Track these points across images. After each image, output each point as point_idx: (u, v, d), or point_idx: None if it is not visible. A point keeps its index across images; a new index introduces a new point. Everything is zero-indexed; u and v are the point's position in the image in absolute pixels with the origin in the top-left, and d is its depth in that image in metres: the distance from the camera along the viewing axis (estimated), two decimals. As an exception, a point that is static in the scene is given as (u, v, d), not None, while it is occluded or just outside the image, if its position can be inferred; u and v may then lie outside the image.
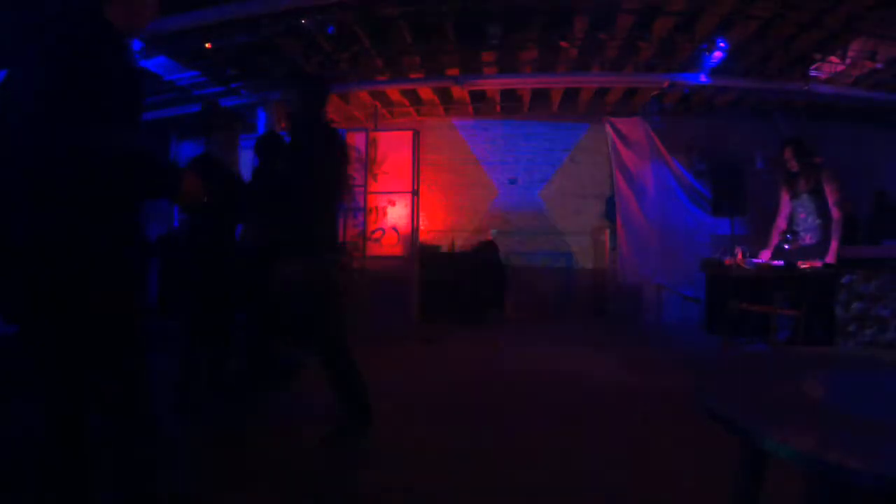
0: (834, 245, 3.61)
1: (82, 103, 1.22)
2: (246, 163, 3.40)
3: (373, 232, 5.74)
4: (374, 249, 5.71)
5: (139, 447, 1.34)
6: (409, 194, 5.73)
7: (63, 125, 1.20)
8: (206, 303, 2.83)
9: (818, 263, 3.55)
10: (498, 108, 7.04)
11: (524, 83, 6.01)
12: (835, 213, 3.65)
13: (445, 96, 6.68)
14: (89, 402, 1.32)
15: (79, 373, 1.30)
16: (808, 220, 3.82)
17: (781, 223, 4.03)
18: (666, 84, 5.59)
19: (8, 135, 1.24)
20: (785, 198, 4.01)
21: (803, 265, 3.57)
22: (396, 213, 5.74)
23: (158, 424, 1.45)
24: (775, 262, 3.82)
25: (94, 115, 1.23)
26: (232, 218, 2.99)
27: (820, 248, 3.69)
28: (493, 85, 6.06)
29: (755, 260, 3.93)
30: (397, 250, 5.69)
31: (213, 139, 2.94)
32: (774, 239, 3.98)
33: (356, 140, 5.80)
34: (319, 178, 2.28)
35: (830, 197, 3.67)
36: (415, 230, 5.73)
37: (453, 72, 5.71)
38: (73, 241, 1.23)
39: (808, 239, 3.86)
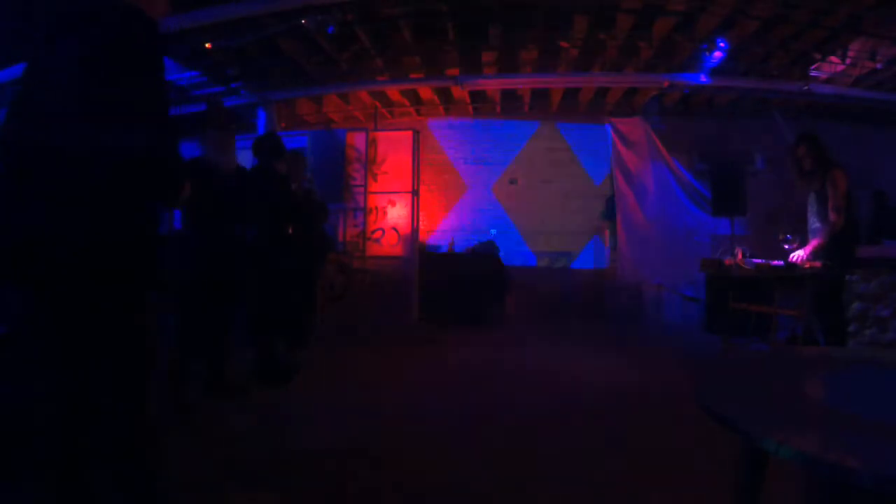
0: (813, 244, 3.45)
1: (119, 101, 1.19)
2: (244, 163, 3.40)
3: (373, 232, 5.74)
4: (374, 249, 5.71)
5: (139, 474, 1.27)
6: (409, 194, 5.73)
7: (98, 123, 1.18)
8: (202, 300, 2.82)
9: (818, 264, 3.53)
10: (498, 108, 7.04)
11: (524, 83, 6.01)
12: (832, 215, 3.40)
13: (445, 96, 6.68)
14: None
15: (81, 378, 1.25)
16: (811, 222, 3.63)
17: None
18: (666, 84, 5.60)
19: (39, 131, 1.19)
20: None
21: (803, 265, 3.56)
22: (396, 213, 5.75)
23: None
24: (775, 262, 3.80)
25: (128, 113, 1.20)
26: (228, 218, 2.98)
27: (821, 250, 3.57)
28: (493, 85, 6.06)
29: (755, 260, 3.93)
30: (397, 250, 5.69)
31: (209, 136, 2.89)
32: (813, 241, 3.64)
33: (356, 140, 5.81)
34: None
35: (830, 201, 3.42)
36: (415, 230, 5.73)
37: (453, 72, 5.71)
38: (99, 240, 1.19)
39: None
